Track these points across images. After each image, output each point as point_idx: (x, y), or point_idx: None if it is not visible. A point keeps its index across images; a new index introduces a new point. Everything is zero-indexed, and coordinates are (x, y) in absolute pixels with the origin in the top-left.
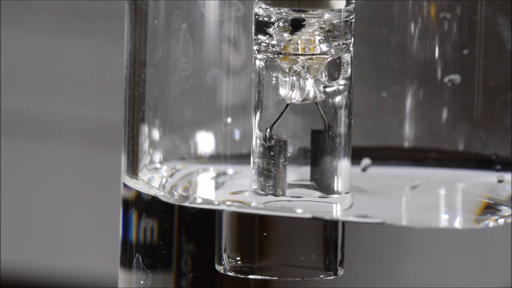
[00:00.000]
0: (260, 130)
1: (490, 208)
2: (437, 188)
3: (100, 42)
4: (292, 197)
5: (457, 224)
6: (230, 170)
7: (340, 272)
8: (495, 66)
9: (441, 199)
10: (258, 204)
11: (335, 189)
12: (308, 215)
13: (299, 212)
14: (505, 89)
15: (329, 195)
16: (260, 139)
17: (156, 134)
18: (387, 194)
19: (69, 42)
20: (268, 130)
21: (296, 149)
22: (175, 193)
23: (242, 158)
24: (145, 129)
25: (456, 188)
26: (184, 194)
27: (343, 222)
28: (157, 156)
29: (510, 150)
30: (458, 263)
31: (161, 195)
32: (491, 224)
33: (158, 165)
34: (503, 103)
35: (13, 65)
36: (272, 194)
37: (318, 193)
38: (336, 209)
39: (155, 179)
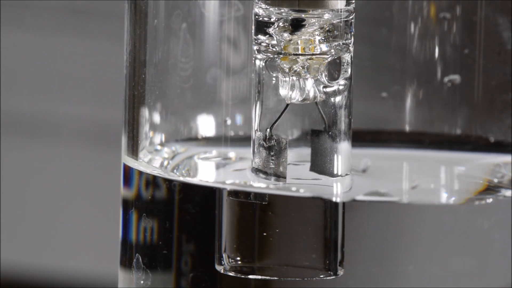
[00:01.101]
0: (260, 130)
1: (490, 190)
2: (437, 169)
3: (100, 42)
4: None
5: (457, 201)
6: (232, 153)
7: (340, 272)
8: (495, 66)
9: (441, 180)
10: (259, 183)
11: (335, 171)
12: (313, 194)
13: (302, 192)
14: (505, 89)
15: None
16: (260, 139)
17: (156, 116)
18: (387, 175)
19: (69, 42)
20: (268, 130)
21: (298, 130)
22: (177, 173)
23: (245, 140)
24: (145, 110)
25: (456, 170)
26: (184, 171)
27: (344, 203)
28: (158, 138)
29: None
30: (458, 263)
31: (162, 173)
32: (490, 200)
33: (158, 147)
34: (503, 103)
35: (13, 65)
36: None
37: (318, 176)
38: (337, 189)
39: (156, 160)
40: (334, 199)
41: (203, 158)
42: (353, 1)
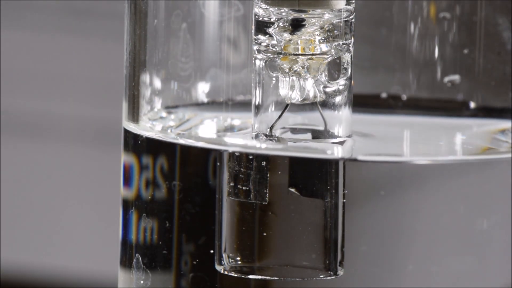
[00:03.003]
0: (260, 131)
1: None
2: (438, 135)
3: (100, 42)
4: (292, 139)
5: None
6: (237, 121)
7: (340, 272)
8: (495, 66)
9: (443, 145)
10: (261, 144)
11: (336, 133)
12: (319, 155)
13: (305, 149)
14: (505, 89)
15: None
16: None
17: (157, 82)
18: (387, 139)
19: (69, 42)
20: (268, 130)
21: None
22: (175, 130)
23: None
24: (146, 77)
25: (456, 135)
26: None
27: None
28: (158, 104)
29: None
30: (458, 263)
31: (162, 134)
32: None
33: (164, 114)
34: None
35: (13, 65)
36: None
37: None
38: (337, 150)
39: (156, 125)
40: (336, 156)
41: (205, 123)
42: (353, 1)
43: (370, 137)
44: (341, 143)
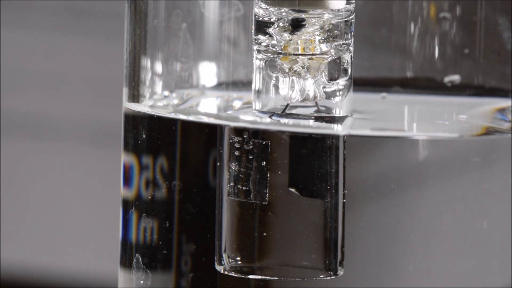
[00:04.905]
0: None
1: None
2: (439, 114)
3: (100, 42)
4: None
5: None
6: (238, 102)
7: (340, 272)
8: (495, 66)
9: (443, 124)
10: (262, 118)
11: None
12: (317, 130)
13: (309, 125)
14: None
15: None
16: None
17: (158, 65)
18: (387, 118)
19: (69, 42)
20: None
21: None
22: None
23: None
24: (147, 60)
25: (457, 115)
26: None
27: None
28: (159, 87)
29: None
30: (458, 263)
31: (162, 109)
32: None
33: (166, 93)
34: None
35: (13, 65)
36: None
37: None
38: (337, 127)
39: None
40: (337, 131)
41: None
42: (353, 1)
43: (370, 114)
44: (342, 119)
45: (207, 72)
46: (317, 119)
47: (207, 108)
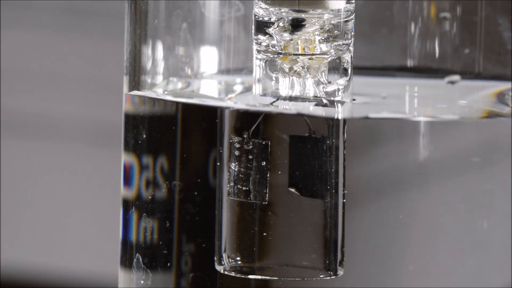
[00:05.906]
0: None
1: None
2: (440, 98)
3: (100, 42)
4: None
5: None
6: (239, 86)
7: (340, 272)
8: (495, 66)
9: (445, 109)
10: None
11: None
12: (322, 113)
13: (310, 110)
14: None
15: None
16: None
17: (159, 52)
18: (387, 101)
19: (69, 42)
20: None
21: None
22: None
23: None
24: (148, 48)
25: (458, 100)
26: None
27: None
28: (159, 77)
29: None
30: (458, 263)
31: (163, 94)
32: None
33: (166, 80)
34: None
35: (13, 65)
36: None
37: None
38: (338, 110)
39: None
40: (336, 114)
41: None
42: (353, 1)
43: (373, 97)
44: (341, 102)
45: (207, 72)
46: (317, 104)
47: (208, 92)
